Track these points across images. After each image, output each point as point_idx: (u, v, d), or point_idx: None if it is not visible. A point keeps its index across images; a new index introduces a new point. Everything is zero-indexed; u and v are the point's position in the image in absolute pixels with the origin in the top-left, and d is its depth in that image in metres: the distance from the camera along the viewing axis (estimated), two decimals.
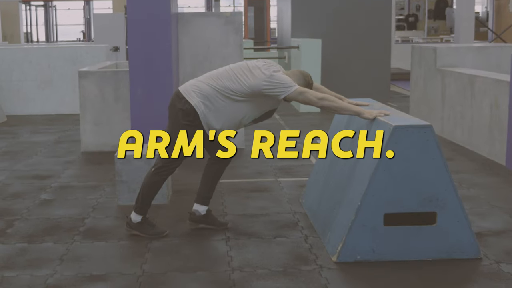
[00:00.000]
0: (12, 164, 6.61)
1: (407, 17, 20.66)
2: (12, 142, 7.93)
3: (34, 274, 3.60)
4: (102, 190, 5.50)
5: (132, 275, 3.58)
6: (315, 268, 3.62)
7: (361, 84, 11.11)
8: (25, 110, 10.32)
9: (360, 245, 3.64)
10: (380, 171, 3.56)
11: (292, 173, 6.04)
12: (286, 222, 4.50)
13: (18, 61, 10.36)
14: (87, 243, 4.14)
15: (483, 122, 6.65)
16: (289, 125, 8.91)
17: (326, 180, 4.43)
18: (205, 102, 3.94)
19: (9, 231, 4.39)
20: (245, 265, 3.70)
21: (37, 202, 5.14)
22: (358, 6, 11.23)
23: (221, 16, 7.04)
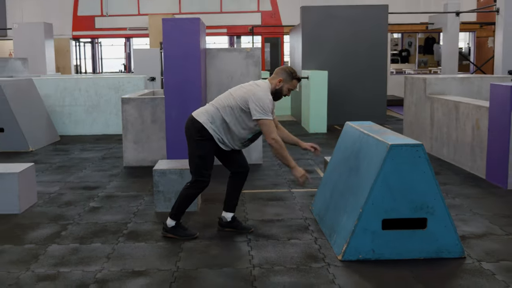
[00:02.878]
0: (65, 177, 6.62)
1: (401, 52, 20.65)
2: (65, 158, 7.95)
3: (85, 270, 3.65)
4: (142, 199, 5.51)
5: (168, 271, 3.61)
6: (323, 265, 3.65)
7: (361, 109, 11.14)
8: (76, 131, 10.37)
9: (362, 246, 3.67)
10: (378, 183, 3.59)
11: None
12: (298, 226, 4.52)
13: (69, 89, 10.39)
14: (129, 244, 4.16)
15: (466, 141, 6.64)
16: None
17: (332, 191, 4.45)
18: (211, 120, 4.06)
19: (64, 233, 4.44)
20: (264, 262, 3.72)
21: (87, 209, 5.17)
22: (359, 43, 11.27)
23: (243, 51, 7.05)
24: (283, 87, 4.17)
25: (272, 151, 4.20)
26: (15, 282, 3.46)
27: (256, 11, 17.48)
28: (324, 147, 8.45)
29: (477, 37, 18.96)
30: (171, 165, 5.12)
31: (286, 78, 4.16)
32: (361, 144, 4.11)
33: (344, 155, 4.46)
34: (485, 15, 18.00)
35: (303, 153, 8.00)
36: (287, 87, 4.19)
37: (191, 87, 5.98)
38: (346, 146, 4.49)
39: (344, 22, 11.27)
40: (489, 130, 6.00)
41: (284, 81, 4.16)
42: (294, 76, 4.19)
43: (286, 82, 4.16)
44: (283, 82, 4.15)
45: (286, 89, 4.20)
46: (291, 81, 4.18)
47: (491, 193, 5.56)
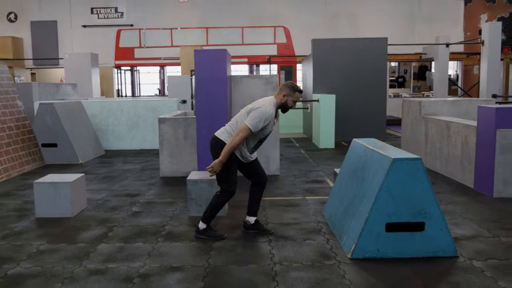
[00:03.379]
0: (110, 186, 6.67)
1: (397, 78, 20.58)
2: (110, 169, 8.01)
3: (130, 266, 3.68)
4: (176, 205, 5.52)
5: (201, 267, 3.63)
6: (335, 262, 3.65)
7: (364, 127, 11.10)
8: (118, 146, 10.46)
9: (368, 246, 3.67)
10: (382, 192, 3.60)
11: (315, 193, 6.02)
12: (312, 229, 4.51)
13: (113, 110, 10.49)
14: (167, 243, 4.18)
15: (457, 155, 6.59)
16: (312, 158, 8.87)
17: (342, 198, 4.46)
18: (229, 136, 4.11)
19: (110, 234, 4.47)
20: (283, 260, 3.73)
21: (130, 213, 5.19)
22: (362, 70, 11.26)
23: (262, 78, 7.08)
24: (287, 101, 4.19)
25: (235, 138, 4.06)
26: (70, 276, 3.50)
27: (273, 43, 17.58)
28: (333, 160, 8.46)
29: (464, 65, 18.86)
30: (202, 176, 5.16)
31: (289, 92, 4.18)
32: (367, 158, 4.12)
33: (352, 167, 4.46)
34: (471, 46, 17.93)
35: (315, 165, 8.01)
36: (291, 99, 4.20)
37: (219, 108, 6.01)
38: (354, 160, 4.49)
39: (349, 52, 11.29)
40: (477, 145, 5.97)
41: (288, 95, 4.18)
42: (296, 89, 4.20)
43: (290, 96, 4.18)
44: (287, 96, 4.17)
45: (290, 102, 4.21)
46: (294, 93, 4.19)
47: (478, 201, 5.51)
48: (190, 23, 18.66)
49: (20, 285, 3.37)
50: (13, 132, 7.88)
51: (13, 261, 3.81)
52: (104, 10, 19.13)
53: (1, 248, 4.12)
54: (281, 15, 18.55)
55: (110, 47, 18.48)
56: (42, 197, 5.07)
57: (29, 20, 19.22)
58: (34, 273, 3.57)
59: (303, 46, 17.25)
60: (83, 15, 19.17)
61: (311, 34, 16.44)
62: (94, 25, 19.12)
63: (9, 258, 3.86)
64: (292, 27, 18.05)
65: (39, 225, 4.78)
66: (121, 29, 18.50)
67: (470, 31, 18.72)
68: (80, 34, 19.21)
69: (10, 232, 4.56)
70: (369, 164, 4.03)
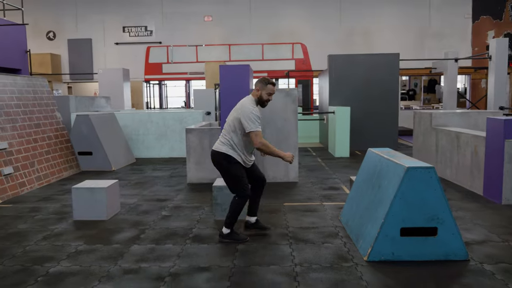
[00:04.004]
0: (141, 191, 6.72)
1: (408, 91, 20.42)
2: (140, 176, 8.08)
3: (161, 266, 3.71)
4: (203, 209, 5.54)
5: (227, 267, 3.64)
6: (352, 265, 3.64)
7: (377, 137, 11.02)
8: (148, 154, 10.55)
9: (384, 249, 3.64)
10: (397, 198, 3.58)
11: (332, 199, 5.99)
12: (330, 233, 4.49)
13: (143, 121, 10.59)
14: (195, 245, 4.20)
15: (466, 164, 6.49)
16: (328, 166, 8.84)
17: (358, 204, 4.44)
18: (230, 147, 4.11)
19: (142, 236, 4.51)
20: (303, 261, 3.73)
21: (160, 217, 5.22)
22: (375, 84, 11.20)
23: (283, 91, 7.07)
24: (262, 94, 4.19)
25: (261, 153, 4.18)
26: (106, 274, 3.55)
27: (291, 58, 17.64)
28: (348, 169, 8.41)
29: (472, 79, 18.62)
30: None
31: (262, 86, 4.18)
32: (382, 166, 4.10)
33: (368, 175, 4.45)
34: (479, 61, 17.69)
35: (331, 173, 7.98)
36: (265, 92, 4.18)
37: None
38: (369, 168, 4.47)
39: (363, 67, 11.26)
40: (486, 155, 5.88)
41: (261, 89, 4.18)
42: (267, 82, 4.19)
43: (263, 89, 4.18)
44: (260, 90, 4.18)
45: (265, 95, 4.18)
46: (266, 86, 4.17)
47: (488, 207, 5.42)
48: (214, 40, 18.87)
49: (61, 282, 3.44)
50: (52, 141, 8.06)
51: (54, 260, 3.89)
52: (135, 28, 19.49)
53: (43, 248, 4.21)
54: (298, 32, 18.62)
55: (140, 62, 18.79)
56: (79, 201, 5.16)
57: (67, 38, 19.68)
58: (73, 271, 3.63)
59: (319, 61, 17.27)
60: (115, 33, 19.56)
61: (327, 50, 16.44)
62: (125, 42, 19.48)
63: (51, 257, 3.95)
64: (309, 43, 18.10)
65: (76, 227, 4.87)
66: (150, 46, 18.79)
67: (477, 47, 18.49)
68: (113, 51, 19.59)
69: (51, 233, 4.66)
70: (384, 172, 4.01)
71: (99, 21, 19.56)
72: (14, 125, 7.12)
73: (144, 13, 19.36)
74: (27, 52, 12.75)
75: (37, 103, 8.02)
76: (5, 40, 11.67)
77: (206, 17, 19.21)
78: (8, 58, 11.79)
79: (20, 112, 7.42)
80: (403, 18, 18.61)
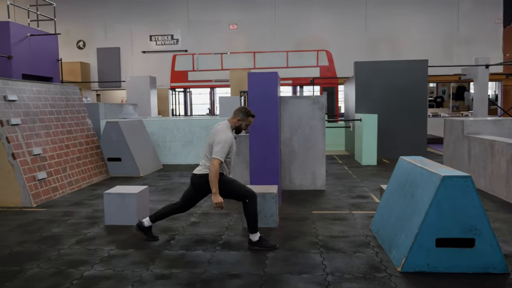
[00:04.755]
0: (169, 197, 6.75)
1: (436, 98, 20.09)
2: (168, 182, 8.15)
3: (192, 271, 3.71)
4: (231, 216, 5.55)
5: (257, 275, 3.63)
6: (385, 275, 3.57)
7: (405, 145, 10.87)
8: (174, 161, 10.65)
9: (418, 260, 3.56)
10: (433, 208, 3.50)
11: (361, 207, 5.90)
12: (361, 242, 4.42)
13: (169, 128, 10.71)
14: (225, 252, 4.20)
15: (501, 173, 6.32)
16: (355, 174, 8.73)
17: (390, 213, 4.36)
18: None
19: (172, 242, 4.53)
20: (335, 271, 3.67)
21: (189, 223, 5.25)
22: (403, 91, 11.05)
23: (310, 99, 7.07)
24: (241, 125, 4.31)
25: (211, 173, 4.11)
26: (138, 279, 3.58)
27: (316, 66, 17.60)
28: (376, 177, 8.30)
29: (504, 86, 18.16)
30: (255, 189, 5.15)
31: (243, 117, 4.31)
32: (415, 174, 4.03)
33: (400, 183, 4.37)
34: (510, 67, 17.24)
35: (359, 181, 7.89)
36: (245, 123, 4.33)
37: (270, 127, 6.03)
38: (401, 176, 4.39)
39: (391, 74, 11.12)
40: None
41: (242, 120, 4.31)
42: (249, 114, 4.33)
43: (243, 120, 4.32)
44: (241, 120, 4.31)
45: (244, 125, 4.33)
46: (247, 118, 4.31)
47: None
48: (238, 48, 19.00)
49: (95, 285, 3.49)
50: (83, 147, 8.23)
51: (88, 264, 3.95)
52: (162, 37, 19.80)
53: (77, 251, 4.29)
54: (323, 40, 18.57)
55: (166, 70, 19.07)
56: (111, 206, 5.25)
57: (96, 47, 20.15)
58: (107, 275, 3.69)
59: (345, 68, 17.18)
60: (143, 42, 19.92)
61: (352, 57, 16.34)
62: (152, 51, 19.81)
63: (85, 261, 4.01)
64: (334, 50, 18.03)
65: (108, 232, 4.95)
66: (176, 54, 19.05)
67: (509, 52, 18.04)
68: (140, 59, 19.95)
69: (84, 238, 4.74)
70: (417, 181, 3.93)
71: (127, 30, 19.96)
72: (48, 132, 7.31)
73: (171, 22, 19.66)
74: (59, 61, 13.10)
75: (69, 110, 8.21)
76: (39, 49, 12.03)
77: (231, 25, 19.37)
78: (41, 67, 12.14)
79: (53, 119, 7.61)
80: (430, 24, 18.35)
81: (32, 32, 11.84)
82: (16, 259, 4.10)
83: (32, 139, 6.84)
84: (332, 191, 7.03)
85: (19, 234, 4.91)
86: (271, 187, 5.30)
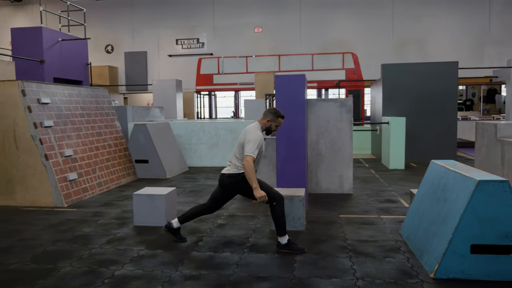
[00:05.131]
0: (196, 199, 6.78)
1: (465, 101, 19.64)
2: (194, 184, 8.20)
3: (220, 273, 3.72)
4: (258, 219, 5.54)
5: (287, 278, 3.60)
6: (417, 281, 3.49)
7: (434, 149, 10.65)
8: (200, 163, 10.73)
9: (452, 267, 3.47)
10: (467, 213, 3.41)
11: (390, 212, 5.80)
12: (391, 247, 4.34)
13: (196, 131, 10.79)
14: (253, 254, 4.19)
15: None
16: (383, 178, 8.60)
17: (421, 218, 4.27)
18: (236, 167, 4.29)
19: (200, 243, 4.55)
20: (365, 276, 3.62)
21: (216, 225, 5.27)
22: (431, 94, 10.84)
23: (337, 101, 7.00)
24: (271, 125, 4.39)
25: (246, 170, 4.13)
26: (168, 280, 3.61)
27: (341, 68, 17.45)
28: (404, 181, 8.16)
29: None
30: (282, 192, 5.13)
31: (273, 118, 4.40)
32: (448, 179, 3.93)
33: (431, 187, 4.27)
34: None
35: (386, 185, 7.77)
36: (274, 124, 4.42)
37: (298, 129, 6.01)
38: (433, 180, 4.30)
39: (419, 76, 10.92)
40: None
41: (272, 121, 4.40)
42: (278, 115, 4.41)
43: (273, 121, 4.41)
44: (271, 121, 4.39)
45: (274, 126, 4.42)
46: (276, 119, 4.39)
47: None
48: (263, 51, 19.04)
49: (126, 285, 3.54)
50: (112, 149, 8.38)
51: (118, 263, 4.01)
52: (187, 41, 20.04)
53: (107, 251, 4.36)
54: (349, 42, 18.43)
55: (192, 73, 19.26)
56: (140, 207, 5.32)
57: (123, 51, 20.54)
58: (137, 275, 3.73)
59: (371, 70, 16.99)
60: (169, 46, 20.20)
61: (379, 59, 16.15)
62: (178, 54, 20.06)
63: (115, 261, 4.07)
64: (360, 53, 17.86)
65: (137, 232, 5.01)
66: (202, 58, 19.22)
67: None
68: (166, 63, 20.23)
69: (114, 238, 4.81)
70: (450, 185, 3.84)
71: (154, 35, 20.27)
72: (78, 134, 7.47)
73: (196, 26, 19.87)
74: (88, 65, 13.40)
75: (99, 113, 8.38)
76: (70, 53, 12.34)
77: (256, 28, 19.43)
78: (72, 71, 12.45)
79: (84, 121, 7.78)
80: (460, 25, 17.98)
81: (63, 37, 12.15)
82: (50, 257, 4.20)
83: (64, 141, 7.00)
84: (359, 195, 6.94)
85: (52, 233, 5.03)
86: (298, 190, 5.27)
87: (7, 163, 6.60)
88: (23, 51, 11.22)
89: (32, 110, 6.56)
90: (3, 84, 6.66)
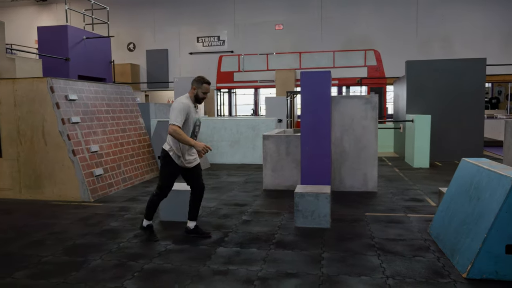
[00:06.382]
0: (219, 195, 6.83)
1: (491, 99, 19.22)
2: (216, 181, 8.23)
3: (248, 269, 3.72)
4: (282, 216, 5.51)
5: (315, 275, 3.58)
6: (449, 281, 3.42)
7: (460, 148, 10.46)
8: (221, 160, 10.78)
9: (486, 267, 3.39)
10: (503, 212, 3.33)
11: (417, 211, 5.70)
12: (420, 246, 4.27)
13: (217, 128, 10.85)
14: (279, 251, 4.17)
15: None
16: (407, 176, 8.48)
17: (451, 217, 4.19)
18: (168, 146, 4.42)
19: (226, 239, 4.56)
20: (395, 274, 3.57)
21: (241, 221, 5.27)
22: (457, 91, 10.65)
23: (362, 98, 6.91)
24: (198, 93, 4.41)
25: (176, 138, 4.21)
26: (196, 274, 3.63)
27: (363, 66, 17.30)
28: (429, 180, 8.04)
29: None
30: (308, 189, 5.15)
31: (197, 85, 4.41)
32: (481, 177, 3.85)
33: (463, 186, 4.19)
34: None
35: (411, 184, 7.66)
36: (201, 91, 4.42)
37: (323, 126, 5.98)
38: (465, 179, 4.21)
39: (445, 73, 10.73)
40: None
41: (197, 88, 4.39)
42: (203, 81, 4.41)
43: (199, 88, 4.40)
44: (196, 89, 4.39)
45: (201, 93, 4.43)
46: (201, 85, 4.40)
47: None
48: (284, 48, 18.98)
49: (156, 278, 3.57)
50: (136, 145, 8.47)
51: (146, 257, 4.05)
52: (208, 38, 20.11)
53: (135, 245, 4.41)
54: (371, 39, 18.22)
55: (212, 71, 19.34)
56: (166, 202, 5.34)
57: (145, 49, 20.74)
58: (166, 269, 3.76)
59: (394, 67, 16.77)
60: (190, 43, 20.31)
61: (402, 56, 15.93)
62: (199, 52, 20.15)
63: (143, 255, 4.11)
64: (383, 49, 17.64)
65: (163, 227, 5.05)
66: (222, 55, 19.27)
67: None
68: (187, 60, 20.34)
69: (141, 232, 4.86)
70: (484, 183, 3.76)
71: (175, 33, 20.41)
72: (104, 130, 7.58)
73: (217, 23, 19.92)
74: (111, 63, 13.57)
75: (123, 110, 8.48)
76: (94, 51, 12.52)
77: (277, 25, 19.38)
78: (95, 68, 12.63)
79: (109, 117, 7.89)
80: (486, 21, 17.60)
81: (87, 35, 12.34)
82: (80, 250, 4.27)
83: (90, 137, 7.11)
84: (384, 193, 6.86)
85: (80, 227, 5.12)
86: (324, 187, 5.24)
87: (36, 159, 6.74)
88: (49, 49, 11.43)
89: (60, 106, 6.67)
90: (32, 80, 6.79)
